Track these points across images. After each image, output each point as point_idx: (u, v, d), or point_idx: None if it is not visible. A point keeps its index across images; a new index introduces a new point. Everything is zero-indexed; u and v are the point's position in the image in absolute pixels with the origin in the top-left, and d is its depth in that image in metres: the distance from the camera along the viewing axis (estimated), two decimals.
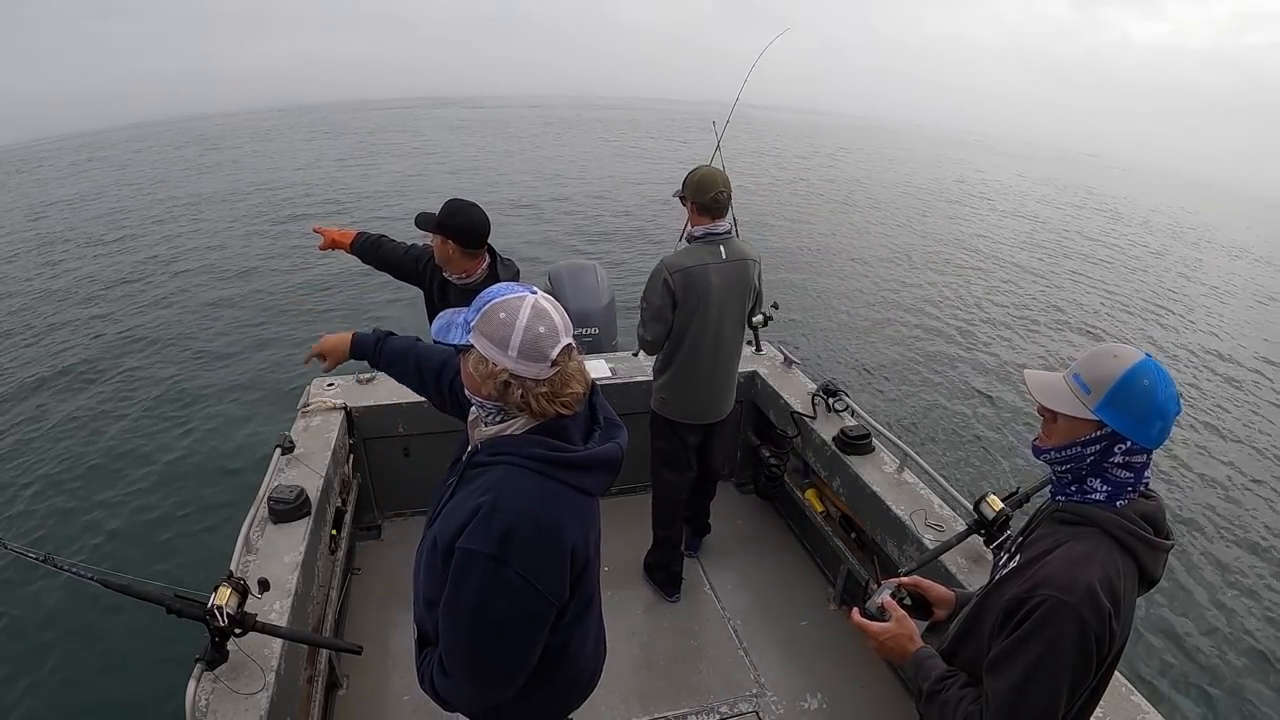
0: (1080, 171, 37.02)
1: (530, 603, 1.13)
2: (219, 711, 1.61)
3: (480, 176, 18.60)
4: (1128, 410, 1.11)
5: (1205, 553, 5.28)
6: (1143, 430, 1.11)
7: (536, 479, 1.14)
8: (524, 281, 1.35)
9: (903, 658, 1.34)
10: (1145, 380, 1.11)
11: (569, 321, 1.19)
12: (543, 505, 1.13)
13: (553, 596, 1.15)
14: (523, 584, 1.10)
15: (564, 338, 1.16)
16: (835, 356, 8.14)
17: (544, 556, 1.12)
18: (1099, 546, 1.11)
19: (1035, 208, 21.30)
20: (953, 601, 1.46)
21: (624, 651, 2.68)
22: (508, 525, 1.09)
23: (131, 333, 8.01)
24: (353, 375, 3.19)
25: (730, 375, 2.77)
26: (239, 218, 13.67)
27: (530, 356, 1.13)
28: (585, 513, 1.21)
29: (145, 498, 4.99)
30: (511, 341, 1.12)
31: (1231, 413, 7.90)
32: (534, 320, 1.13)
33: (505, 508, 1.11)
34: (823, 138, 38.53)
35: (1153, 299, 12.19)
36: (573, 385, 1.18)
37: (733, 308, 2.61)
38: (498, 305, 1.15)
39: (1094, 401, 1.13)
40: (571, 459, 1.16)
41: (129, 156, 24.22)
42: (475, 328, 1.16)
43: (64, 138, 32.97)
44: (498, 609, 1.11)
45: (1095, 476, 1.16)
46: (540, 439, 1.17)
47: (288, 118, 38.73)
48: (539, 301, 1.16)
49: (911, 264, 12.37)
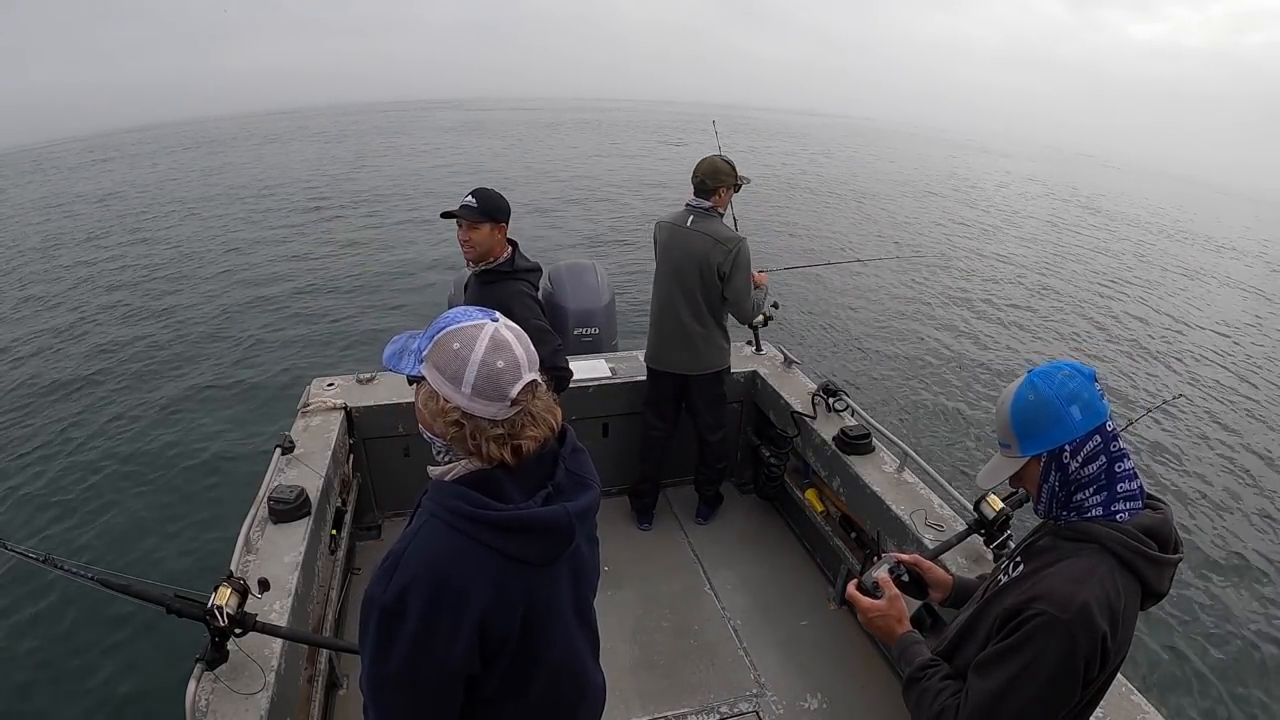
0: (1077, 171, 37.03)
1: (423, 666, 1.00)
2: (219, 711, 1.61)
3: (483, 178, 18.60)
4: (1038, 431, 1.13)
5: (1205, 552, 5.28)
6: (1062, 429, 1.11)
7: (451, 535, 1.01)
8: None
9: (889, 638, 1.36)
10: (1030, 396, 1.13)
11: (535, 355, 1.07)
12: (450, 564, 0.99)
13: (450, 664, 1.00)
14: (413, 645, 0.98)
15: (527, 373, 1.03)
16: (835, 356, 8.14)
17: (442, 620, 0.98)
18: (1099, 564, 1.09)
19: (1035, 208, 21.31)
20: (950, 585, 1.47)
21: (624, 651, 2.68)
22: (407, 580, 0.98)
23: (131, 333, 8.01)
24: (353, 375, 3.19)
25: (678, 334, 3.03)
26: (238, 218, 13.68)
27: (485, 395, 1.01)
28: (513, 580, 1.03)
29: (145, 498, 4.99)
30: (465, 376, 1.00)
31: (1234, 412, 7.90)
32: (491, 353, 1.01)
33: (409, 561, 1.00)
34: (822, 137, 38.55)
35: (1154, 298, 12.19)
36: (533, 429, 1.05)
37: (682, 273, 2.95)
38: (451, 334, 1.03)
39: (1017, 449, 1.16)
40: (490, 519, 1.00)
41: (128, 159, 24.24)
42: (427, 358, 1.04)
43: (62, 140, 32.97)
44: (394, 662, 1.00)
45: (1080, 493, 1.15)
46: (460, 490, 1.03)
47: (287, 120, 38.74)
48: (499, 331, 1.03)
49: (911, 263, 12.38)
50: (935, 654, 1.29)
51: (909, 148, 37.68)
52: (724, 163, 2.91)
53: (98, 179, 19.56)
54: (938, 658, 1.26)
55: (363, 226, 12.85)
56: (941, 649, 1.29)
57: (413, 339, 1.09)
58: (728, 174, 2.90)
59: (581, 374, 3.29)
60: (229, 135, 30.17)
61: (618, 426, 3.43)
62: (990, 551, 2.20)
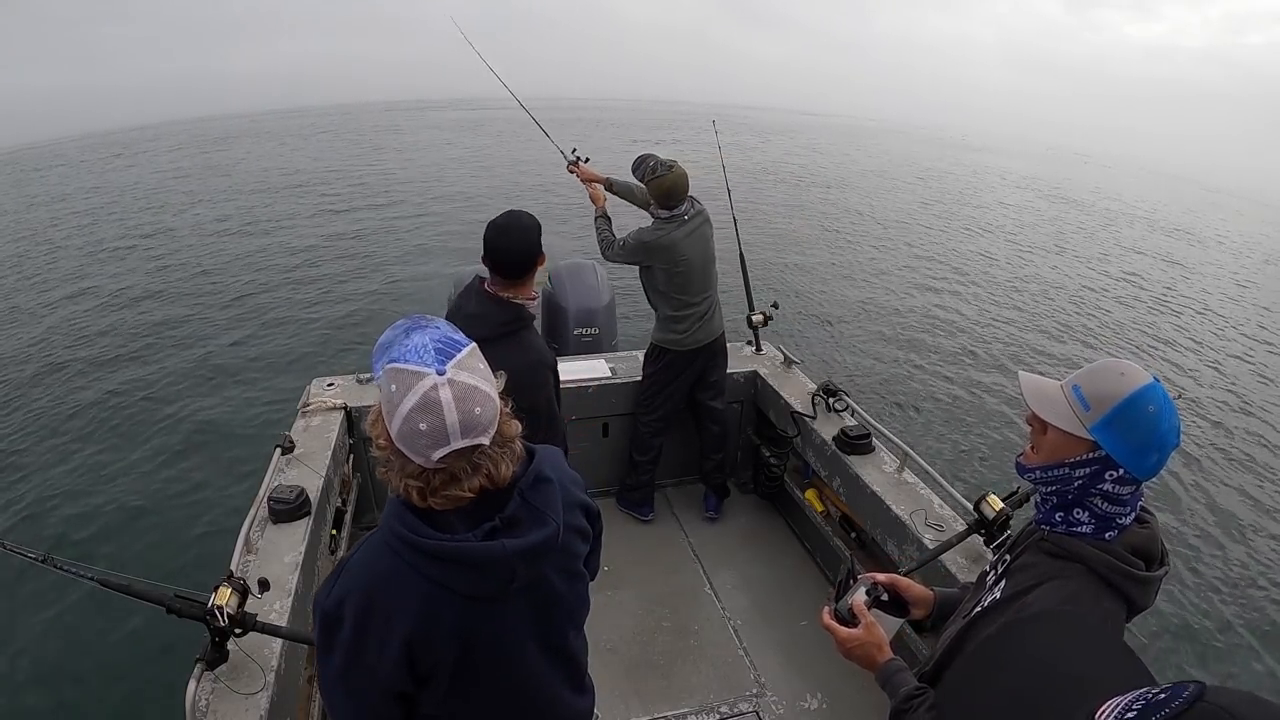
0: (1075, 171, 37.03)
1: (356, 673, 1.02)
2: (219, 711, 1.61)
3: (484, 177, 18.59)
4: (1127, 435, 1.02)
5: (1204, 549, 5.28)
6: (1138, 460, 1.03)
7: (388, 555, 1.00)
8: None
9: (870, 667, 1.30)
10: (1151, 406, 1.01)
11: (480, 419, 0.96)
12: (381, 584, 0.99)
13: (379, 676, 1.01)
14: (347, 652, 1.00)
15: (457, 440, 0.94)
16: (835, 356, 8.14)
17: (369, 635, 0.99)
18: (1084, 588, 1.04)
19: (1035, 207, 21.31)
20: (931, 601, 1.41)
21: (624, 651, 2.69)
22: (345, 591, 1.00)
23: (130, 333, 8.01)
24: (353, 375, 3.20)
25: (715, 308, 3.25)
26: (238, 218, 13.67)
27: (409, 447, 0.95)
28: (445, 609, 1.00)
29: (145, 497, 4.98)
30: (393, 422, 0.95)
31: (1234, 412, 7.90)
32: (416, 413, 0.92)
33: (350, 572, 1.02)
34: (822, 135, 38.53)
35: (1154, 298, 12.19)
36: (459, 486, 0.98)
37: (708, 258, 3.13)
38: (393, 373, 0.95)
39: (1092, 420, 1.03)
40: (422, 546, 0.97)
41: (127, 159, 24.23)
42: (378, 382, 0.99)
43: (61, 140, 32.98)
44: (333, 665, 1.03)
45: (1079, 506, 1.08)
46: (401, 511, 1.00)
47: (287, 119, 38.74)
48: (436, 390, 0.92)
49: (911, 263, 12.38)
50: (921, 673, 1.25)
51: (907, 147, 37.66)
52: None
53: (93, 180, 19.55)
54: (924, 685, 1.21)
55: (363, 226, 12.86)
56: (927, 670, 1.25)
57: (384, 350, 1.00)
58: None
59: (581, 374, 3.30)
60: (228, 135, 30.18)
61: (618, 426, 3.43)
62: (990, 552, 2.20)
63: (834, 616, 1.36)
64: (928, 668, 1.26)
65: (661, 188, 2.93)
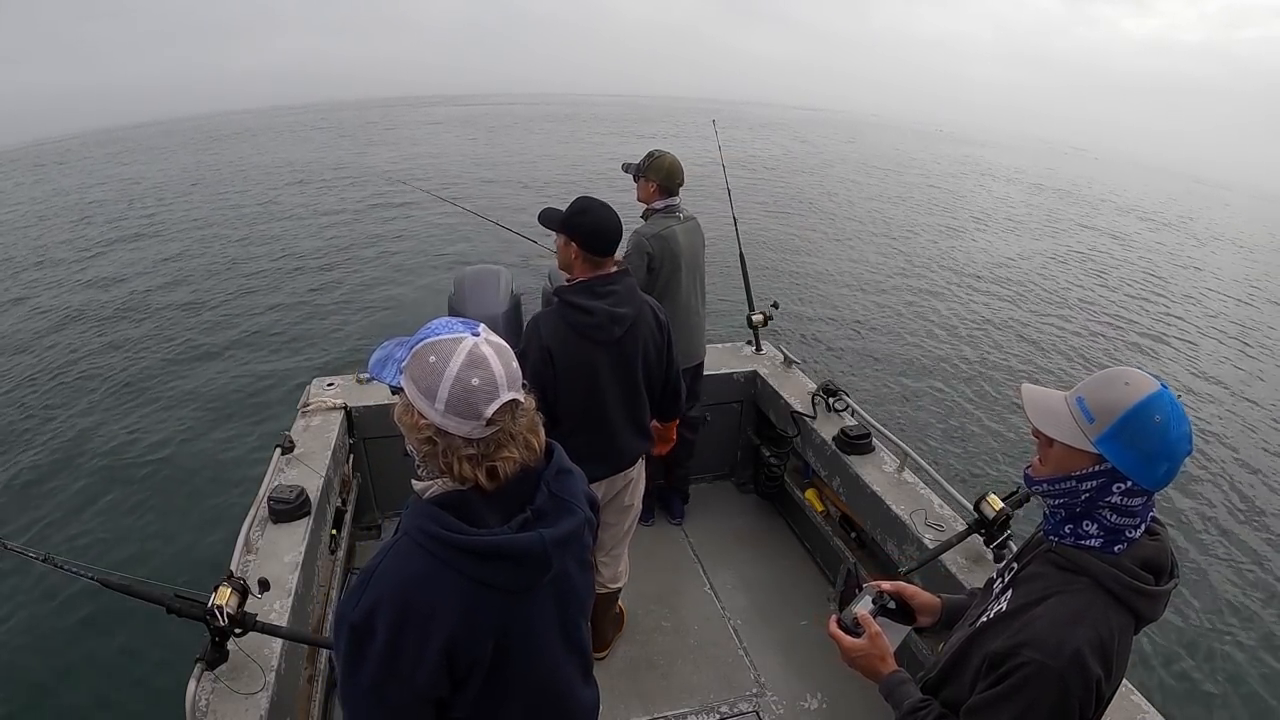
0: (1071, 166, 37.00)
1: (390, 685, 0.99)
2: (219, 711, 1.61)
3: (483, 177, 18.59)
4: (1134, 446, 0.99)
5: (1205, 548, 5.28)
6: (1147, 471, 1.00)
7: (422, 556, 0.99)
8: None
9: (874, 678, 1.29)
10: (1158, 415, 0.99)
11: (516, 372, 1.02)
12: (417, 587, 0.98)
13: (416, 685, 1.00)
14: (380, 664, 0.98)
15: (505, 393, 0.99)
16: (835, 356, 8.14)
17: (408, 642, 0.98)
18: (1092, 603, 1.03)
19: (1034, 208, 21.30)
20: (938, 608, 1.39)
21: (623, 651, 2.69)
22: (375, 599, 0.98)
23: (130, 333, 8.01)
24: (353, 375, 3.20)
25: (699, 325, 3.18)
26: (238, 218, 13.67)
27: (460, 412, 0.97)
28: (483, 606, 1.01)
29: (145, 497, 4.98)
30: (439, 392, 0.97)
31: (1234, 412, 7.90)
32: (467, 370, 0.97)
33: (379, 580, 1.00)
34: (820, 133, 38.52)
35: (1152, 298, 12.18)
36: (510, 450, 1.01)
37: (696, 267, 3.04)
38: (428, 347, 0.99)
39: (1096, 432, 1.01)
40: (460, 543, 0.97)
41: (125, 159, 24.22)
42: (405, 370, 1.01)
43: (57, 139, 32.96)
44: (363, 679, 1.00)
45: (1088, 519, 1.06)
46: (434, 510, 1.00)
47: (287, 116, 38.72)
48: (479, 346, 0.99)
49: (912, 263, 12.37)
50: (926, 681, 1.24)
51: (905, 143, 37.64)
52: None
53: (90, 180, 19.54)
54: (928, 697, 1.20)
55: (364, 226, 12.86)
56: (931, 679, 1.24)
57: (399, 346, 1.05)
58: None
59: None
60: (227, 134, 30.16)
61: None
62: (990, 551, 2.20)
63: (840, 626, 1.35)
64: (931, 675, 1.25)
65: (662, 166, 2.90)
